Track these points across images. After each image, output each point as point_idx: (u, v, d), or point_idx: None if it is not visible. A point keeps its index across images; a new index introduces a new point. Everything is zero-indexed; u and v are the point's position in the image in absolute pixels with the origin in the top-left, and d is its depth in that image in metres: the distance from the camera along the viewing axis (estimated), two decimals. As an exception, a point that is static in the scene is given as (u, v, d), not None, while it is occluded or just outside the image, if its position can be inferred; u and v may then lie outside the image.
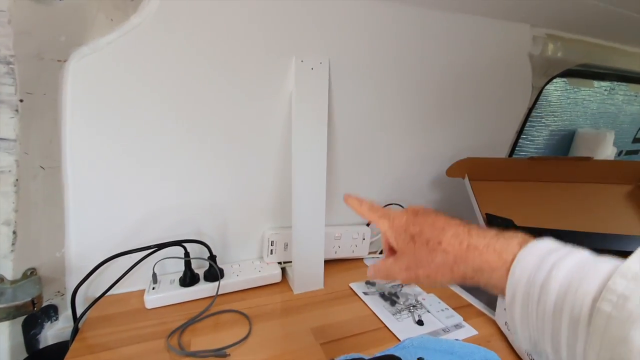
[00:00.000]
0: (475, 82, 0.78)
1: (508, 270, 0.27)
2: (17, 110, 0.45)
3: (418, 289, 0.70)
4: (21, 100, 0.45)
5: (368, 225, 0.82)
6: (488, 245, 0.30)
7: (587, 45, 0.81)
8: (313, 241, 0.68)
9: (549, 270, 0.25)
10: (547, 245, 0.28)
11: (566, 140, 1.02)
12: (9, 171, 0.47)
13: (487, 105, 0.83)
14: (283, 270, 0.72)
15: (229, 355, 0.51)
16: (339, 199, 0.78)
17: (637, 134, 1.19)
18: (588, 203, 0.74)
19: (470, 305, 0.66)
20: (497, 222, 0.66)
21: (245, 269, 0.70)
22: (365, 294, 0.68)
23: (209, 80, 0.56)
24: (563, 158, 0.79)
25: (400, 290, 0.69)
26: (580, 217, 0.71)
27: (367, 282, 0.72)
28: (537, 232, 0.64)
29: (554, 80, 0.90)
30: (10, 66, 0.42)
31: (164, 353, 0.51)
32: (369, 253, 0.84)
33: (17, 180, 0.48)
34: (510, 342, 0.55)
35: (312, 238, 0.67)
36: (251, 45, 0.55)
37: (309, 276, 0.69)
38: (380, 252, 0.86)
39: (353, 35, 0.62)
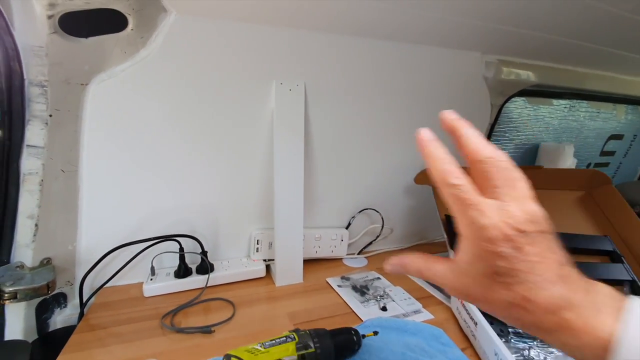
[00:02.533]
0: (438, 102, 0.89)
1: (605, 350, 0.21)
2: (46, 123, 0.56)
3: (387, 282, 0.78)
4: (50, 115, 0.56)
5: (347, 228, 0.91)
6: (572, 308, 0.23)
7: (537, 68, 0.92)
8: (293, 240, 0.77)
9: None
10: None
11: (531, 153, 1.11)
12: (36, 173, 0.58)
13: (451, 121, 0.93)
14: (268, 267, 0.81)
15: (214, 331, 0.59)
16: (318, 203, 0.88)
17: (603, 147, 1.28)
18: (541, 205, 0.82)
19: (431, 296, 0.74)
20: (454, 222, 0.75)
21: (233, 265, 0.78)
22: (339, 286, 0.76)
23: (203, 100, 0.67)
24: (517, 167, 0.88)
25: (372, 284, 0.77)
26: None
27: (342, 277, 0.80)
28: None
29: (514, 99, 1.01)
30: (44, 88, 0.53)
31: (157, 330, 0.59)
32: (348, 254, 0.92)
33: (42, 180, 0.59)
34: (460, 325, 0.63)
35: (291, 237, 0.76)
36: (239, 71, 0.67)
37: (289, 271, 0.77)
38: (359, 253, 0.94)
39: (326, 63, 0.73)
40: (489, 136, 1.02)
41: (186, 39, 0.61)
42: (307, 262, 0.87)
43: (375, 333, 0.55)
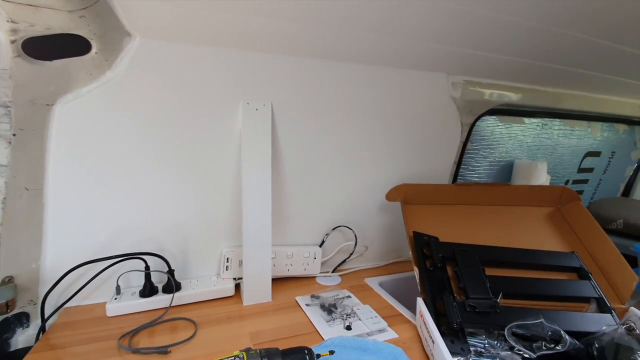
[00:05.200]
0: (410, 122, 0.92)
1: None
2: (10, 142, 0.57)
3: (356, 301, 0.77)
4: (14, 135, 0.57)
5: (320, 245, 0.91)
6: None
7: (503, 88, 0.95)
8: (261, 258, 0.76)
9: None
10: None
11: (506, 170, 1.12)
12: (-1, 191, 0.59)
13: (424, 139, 0.95)
14: (238, 285, 0.80)
15: (170, 352, 0.58)
16: (291, 220, 0.88)
17: (580, 164, 1.29)
18: (510, 222, 0.83)
19: (399, 314, 0.73)
20: (422, 239, 0.75)
21: (202, 283, 0.78)
22: (307, 305, 0.75)
23: (171, 120, 0.69)
24: (484, 184, 0.89)
25: (341, 302, 0.76)
26: (502, 235, 0.79)
27: (312, 296, 0.79)
28: (459, 247, 0.72)
29: (485, 118, 1.03)
30: (8, 109, 0.55)
31: (114, 350, 0.58)
32: (322, 272, 0.92)
33: (4, 198, 0.59)
34: (422, 344, 0.62)
35: (260, 256, 0.76)
36: (205, 92, 0.69)
37: (257, 290, 0.76)
38: (333, 271, 0.94)
39: (294, 84, 0.76)
40: (462, 154, 1.03)
41: (152, 62, 0.63)
42: (279, 280, 0.86)
43: (331, 352, 0.54)
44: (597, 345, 0.54)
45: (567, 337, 0.51)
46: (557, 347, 0.51)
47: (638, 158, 1.46)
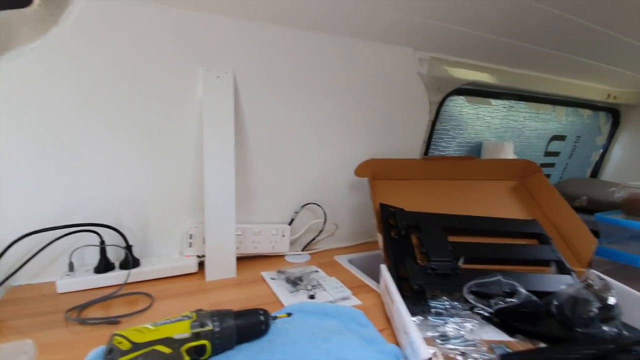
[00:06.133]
0: (378, 97, 0.92)
1: None
2: (-57, 101, 0.53)
3: (323, 274, 0.76)
4: (-52, 93, 0.53)
5: (290, 224, 0.89)
6: None
7: (470, 67, 0.96)
8: (224, 234, 0.74)
9: None
10: None
11: (475, 151, 1.14)
12: None
13: (393, 116, 0.96)
14: (202, 263, 0.77)
15: (120, 322, 0.55)
16: (258, 197, 0.86)
17: (547, 147, 1.33)
18: (475, 195, 0.84)
19: (365, 285, 0.72)
20: (388, 211, 0.75)
21: (163, 261, 0.75)
22: (272, 279, 0.73)
23: (124, 83, 0.66)
24: (451, 157, 0.90)
25: (308, 276, 0.75)
26: (468, 208, 0.80)
27: (279, 271, 0.77)
28: (423, 216, 0.72)
29: (453, 98, 1.04)
30: (-60, 63, 0.51)
31: (59, 322, 0.55)
32: (292, 251, 0.90)
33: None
34: (385, 310, 0.61)
35: (223, 231, 0.73)
36: (162, 53, 0.67)
37: (221, 265, 0.74)
38: (303, 249, 0.92)
39: (258, 52, 0.74)
40: (431, 134, 1.04)
41: (102, 19, 0.60)
42: (246, 258, 0.84)
43: (289, 315, 0.53)
44: (555, 302, 0.55)
45: (522, 290, 0.51)
46: (512, 300, 0.51)
47: (603, 143, 1.51)
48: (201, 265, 0.77)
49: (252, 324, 0.48)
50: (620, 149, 1.52)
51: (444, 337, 0.49)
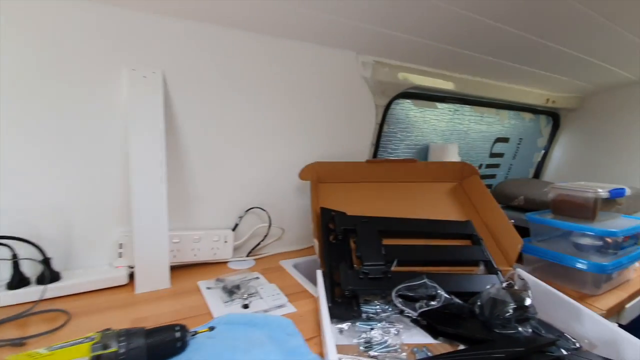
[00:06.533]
0: (323, 100, 0.91)
1: None
2: None
3: (263, 281, 0.74)
4: None
5: (234, 229, 0.87)
6: None
7: (415, 71, 0.98)
8: (156, 242, 0.70)
9: None
10: None
11: (423, 153, 1.17)
12: None
13: (339, 119, 0.96)
14: (134, 274, 0.73)
15: (25, 344, 0.50)
16: (198, 202, 0.83)
17: (492, 149, 1.39)
18: (417, 197, 0.85)
19: (305, 291, 0.71)
20: (329, 214, 0.74)
21: (89, 273, 0.70)
22: (208, 288, 0.70)
23: (39, 84, 0.60)
24: (393, 160, 0.92)
25: (247, 284, 0.73)
26: (408, 210, 0.81)
27: (217, 279, 0.74)
28: (361, 219, 0.72)
29: (400, 101, 1.06)
30: None
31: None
32: (235, 257, 0.87)
33: None
34: (319, 316, 0.60)
35: (154, 239, 0.70)
36: (82, 51, 0.62)
37: (152, 276, 0.70)
38: (248, 255, 0.90)
39: (191, 52, 0.71)
40: (379, 136, 1.05)
41: (16, 12, 0.55)
42: (185, 267, 0.81)
43: (211, 328, 0.50)
44: (478, 303, 0.56)
45: (443, 293, 0.52)
46: (432, 303, 0.52)
47: (544, 145, 1.61)
48: (132, 276, 0.73)
49: (165, 342, 0.45)
50: (560, 150, 1.63)
51: (368, 344, 0.49)
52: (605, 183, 0.86)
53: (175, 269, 0.80)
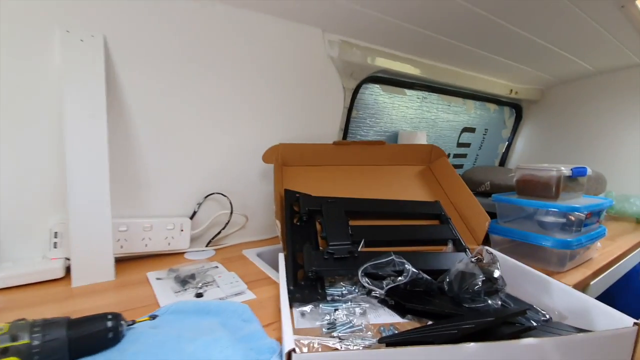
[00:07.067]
0: (290, 80, 0.86)
1: None
2: None
3: (222, 270, 0.68)
4: None
5: (192, 217, 0.80)
6: None
7: (383, 54, 0.96)
8: (96, 231, 0.62)
9: None
10: None
11: (392, 140, 1.16)
12: None
13: (307, 101, 0.91)
14: (73, 267, 0.65)
15: None
16: (150, 188, 0.75)
17: (459, 138, 1.41)
18: (385, 180, 0.83)
19: (268, 277, 0.66)
20: (293, 196, 0.69)
21: (18, 266, 0.61)
22: (158, 279, 0.63)
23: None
24: (361, 142, 0.89)
25: (204, 273, 0.66)
26: (378, 191, 0.79)
27: (170, 270, 0.67)
28: (327, 200, 0.68)
29: (369, 86, 1.04)
30: None
31: None
32: (194, 247, 0.80)
33: None
34: (280, 302, 0.55)
35: (95, 227, 0.62)
36: (5, 9, 0.53)
37: (93, 267, 0.62)
38: (207, 245, 0.83)
39: (138, 14, 0.64)
40: (348, 121, 1.02)
41: None
42: (137, 258, 0.73)
43: (152, 317, 0.44)
44: (447, 279, 0.54)
45: (410, 267, 0.49)
46: (399, 279, 0.48)
47: (508, 136, 1.65)
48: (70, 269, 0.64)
49: (93, 333, 0.38)
50: (523, 141, 1.68)
51: (331, 325, 0.45)
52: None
53: (124, 260, 0.72)
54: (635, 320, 0.41)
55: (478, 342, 0.34)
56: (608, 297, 0.96)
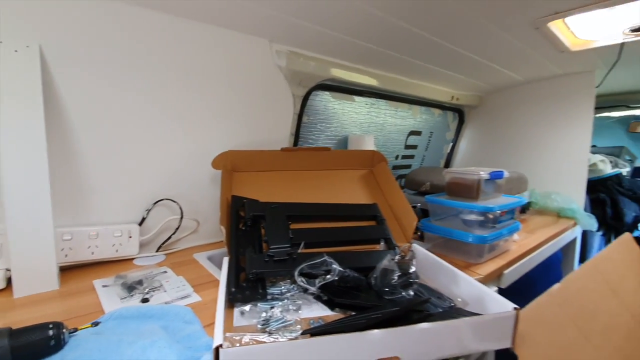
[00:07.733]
0: (236, 87, 0.90)
1: None
2: None
3: (171, 274, 0.71)
4: None
5: (141, 223, 0.81)
6: None
7: (331, 64, 1.02)
8: (38, 240, 0.62)
9: None
10: None
11: (343, 144, 1.23)
12: None
13: (255, 108, 0.95)
14: (15, 277, 0.64)
15: None
16: (96, 195, 0.76)
17: (406, 141, 1.52)
18: (330, 184, 0.89)
19: (216, 280, 0.70)
20: (240, 202, 0.74)
21: (-49, 280, 0.60)
22: (104, 286, 0.65)
23: None
24: (307, 148, 0.95)
25: (152, 279, 0.69)
26: (323, 194, 0.85)
27: (117, 276, 0.69)
28: (270, 205, 0.73)
29: (319, 93, 1.09)
30: None
31: None
32: (143, 253, 0.82)
33: None
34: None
35: (36, 236, 0.62)
36: None
37: (35, 277, 0.62)
38: (158, 250, 0.85)
39: (75, 25, 0.64)
40: (298, 126, 1.07)
41: None
42: (82, 266, 0.74)
43: (95, 324, 0.47)
44: (374, 275, 0.61)
45: (337, 267, 0.56)
46: (328, 277, 0.55)
47: (452, 138, 1.79)
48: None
49: (35, 342, 0.41)
50: (465, 142, 1.83)
51: (266, 322, 0.50)
52: (498, 168, 0.98)
53: (69, 269, 0.72)
54: (515, 306, 0.50)
55: (381, 329, 0.41)
56: (529, 282, 1.10)
